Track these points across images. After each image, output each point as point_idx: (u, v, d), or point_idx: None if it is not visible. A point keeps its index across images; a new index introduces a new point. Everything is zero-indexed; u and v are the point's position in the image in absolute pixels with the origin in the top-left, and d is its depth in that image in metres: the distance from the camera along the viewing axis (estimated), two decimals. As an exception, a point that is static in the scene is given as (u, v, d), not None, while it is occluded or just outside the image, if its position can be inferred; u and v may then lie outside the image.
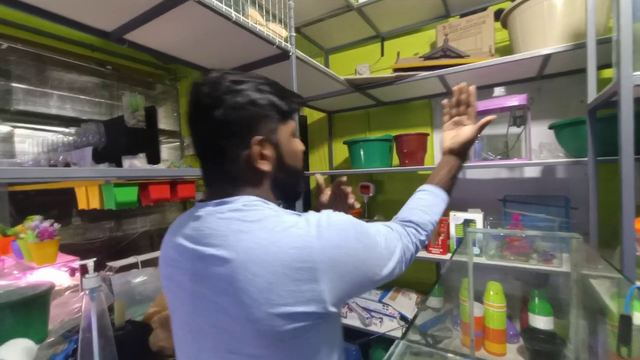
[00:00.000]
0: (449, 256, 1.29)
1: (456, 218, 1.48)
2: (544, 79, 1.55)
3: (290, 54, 1.27)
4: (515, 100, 1.32)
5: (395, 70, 1.59)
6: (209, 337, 0.52)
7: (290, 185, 0.64)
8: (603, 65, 1.08)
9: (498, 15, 1.52)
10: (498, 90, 1.69)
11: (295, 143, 0.64)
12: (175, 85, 2.86)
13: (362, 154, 1.75)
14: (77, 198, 1.43)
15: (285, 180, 0.61)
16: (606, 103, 0.94)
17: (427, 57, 1.56)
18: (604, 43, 1.06)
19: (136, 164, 1.13)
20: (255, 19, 1.13)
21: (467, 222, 1.45)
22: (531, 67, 1.41)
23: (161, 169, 1.19)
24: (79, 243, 1.99)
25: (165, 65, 2.64)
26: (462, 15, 1.69)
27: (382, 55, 2.02)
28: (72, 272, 1.34)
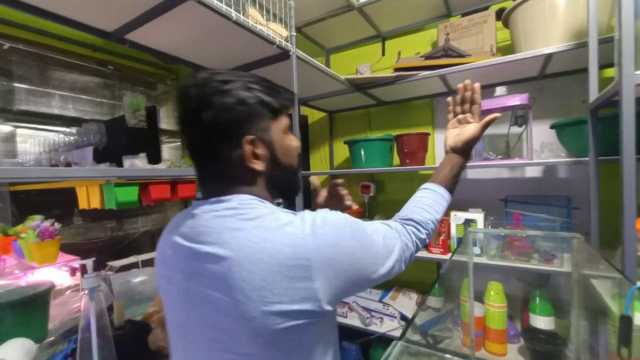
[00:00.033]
0: (450, 256, 1.29)
1: (457, 218, 1.47)
2: (546, 79, 1.54)
3: (291, 53, 1.27)
4: (516, 99, 1.32)
5: (396, 69, 1.59)
6: (203, 335, 0.51)
7: (286, 183, 0.63)
8: (605, 65, 1.07)
9: (499, 14, 1.51)
10: (499, 90, 1.69)
11: (289, 139, 0.63)
12: (177, 85, 2.84)
13: (362, 153, 1.74)
14: (78, 198, 1.43)
15: (280, 178, 0.61)
16: (608, 102, 0.93)
17: (428, 57, 1.56)
18: (606, 42, 1.05)
19: (137, 164, 1.13)
20: (255, 18, 1.13)
21: (468, 222, 1.45)
22: (533, 67, 1.41)
23: (161, 168, 1.19)
24: (80, 243, 1.99)
25: (166, 65, 2.65)
26: (464, 14, 1.68)
27: (383, 54, 2.02)
28: (73, 271, 1.34)
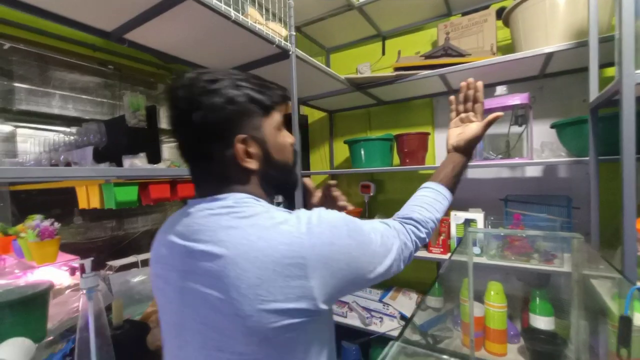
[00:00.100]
0: (449, 256, 1.29)
1: (457, 218, 1.47)
2: (546, 78, 1.53)
3: (290, 53, 1.26)
4: (517, 99, 1.31)
5: (396, 69, 1.58)
6: (197, 334, 0.51)
7: (282, 181, 0.62)
8: (606, 64, 1.06)
9: (500, 13, 1.51)
10: (500, 89, 1.68)
11: (283, 136, 0.62)
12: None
13: (362, 153, 1.74)
14: (77, 197, 1.43)
15: (275, 176, 0.60)
16: (608, 102, 0.93)
17: (428, 56, 1.55)
18: (606, 41, 1.05)
19: (136, 164, 1.13)
20: (254, 18, 1.13)
21: (468, 222, 1.44)
22: (533, 66, 1.40)
23: (161, 168, 1.19)
24: (80, 242, 1.99)
25: (166, 65, 2.64)
26: (464, 13, 1.68)
27: (383, 54, 2.01)
28: (72, 271, 1.34)
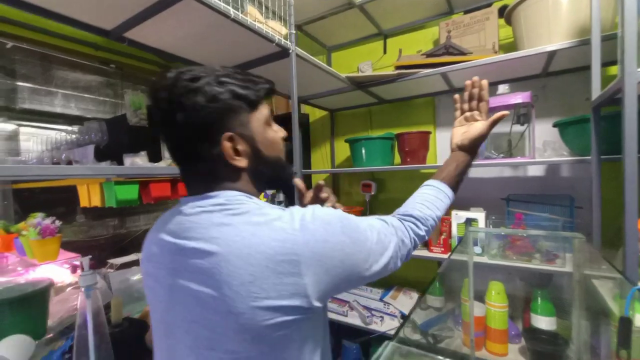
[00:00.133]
0: (448, 255, 1.28)
1: (458, 217, 1.46)
2: (549, 76, 1.52)
3: (290, 51, 1.26)
4: (519, 97, 1.30)
5: (398, 67, 1.57)
6: (187, 333, 0.50)
7: (273, 176, 0.61)
8: (608, 62, 1.05)
9: (502, 11, 1.50)
10: (502, 88, 1.66)
11: (272, 131, 0.61)
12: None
13: (363, 152, 1.73)
14: (79, 196, 1.43)
15: (265, 172, 0.59)
16: (610, 100, 0.92)
17: (430, 55, 1.54)
18: (609, 39, 1.04)
19: (137, 162, 1.13)
20: (254, 16, 1.13)
21: (470, 221, 1.44)
22: (536, 64, 1.39)
23: (161, 166, 1.19)
24: (82, 240, 2.00)
25: (168, 64, 2.65)
26: (466, 11, 1.66)
27: (385, 52, 2.00)
28: (74, 269, 1.35)
